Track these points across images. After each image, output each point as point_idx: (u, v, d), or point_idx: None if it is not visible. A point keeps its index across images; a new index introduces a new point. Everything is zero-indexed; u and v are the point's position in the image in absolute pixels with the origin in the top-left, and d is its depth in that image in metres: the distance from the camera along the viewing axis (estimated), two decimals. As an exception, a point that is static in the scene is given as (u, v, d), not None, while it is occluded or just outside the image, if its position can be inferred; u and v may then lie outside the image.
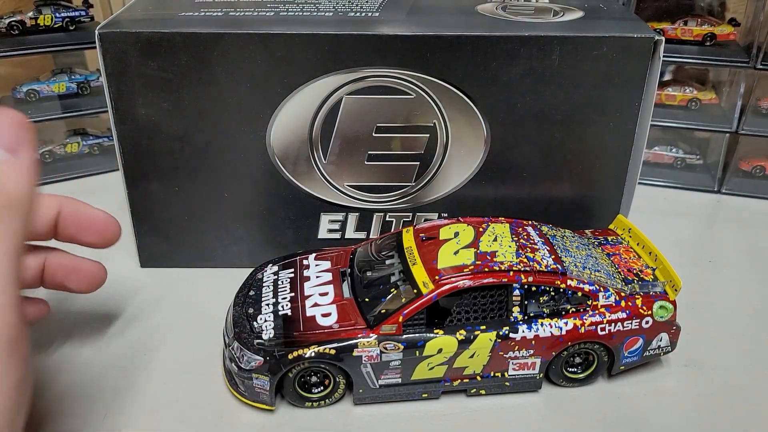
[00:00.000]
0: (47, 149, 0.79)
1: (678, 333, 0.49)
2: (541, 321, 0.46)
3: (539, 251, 0.48)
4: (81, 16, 0.77)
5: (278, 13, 0.55)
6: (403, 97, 0.54)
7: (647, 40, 0.51)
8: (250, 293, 0.50)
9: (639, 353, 0.48)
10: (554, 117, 0.55)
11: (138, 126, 0.54)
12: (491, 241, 0.48)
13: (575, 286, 0.46)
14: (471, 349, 0.45)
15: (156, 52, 0.51)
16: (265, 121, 0.54)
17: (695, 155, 0.80)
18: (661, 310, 0.47)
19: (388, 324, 0.44)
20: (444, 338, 0.45)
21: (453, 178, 0.57)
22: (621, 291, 0.47)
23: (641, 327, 0.47)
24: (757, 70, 0.71)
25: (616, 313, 0.46)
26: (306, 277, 0.50)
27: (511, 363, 0.46)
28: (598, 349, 0.47)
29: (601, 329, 0.46)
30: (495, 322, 0.45)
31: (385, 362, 0.45)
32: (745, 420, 0.46)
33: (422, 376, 0.46)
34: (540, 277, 0.45)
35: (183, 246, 0.60)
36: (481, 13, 0.57)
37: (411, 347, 0.45)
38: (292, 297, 0.48)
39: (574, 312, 0.46)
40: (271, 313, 0.47)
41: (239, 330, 0.46)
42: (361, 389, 0.46)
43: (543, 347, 0.46)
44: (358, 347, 0.44)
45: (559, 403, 0.48)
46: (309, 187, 0.57)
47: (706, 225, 0.72)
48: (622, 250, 0.52)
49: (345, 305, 0.47)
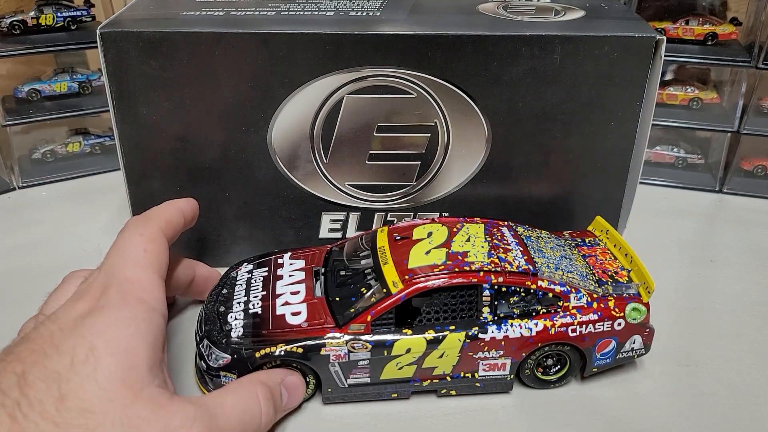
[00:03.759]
0: (49, 149, 0.79)
1: (651, 335, 0.48)
2: (511, 322, 0.45)
3: (512, 252, 0.47)
4: (82, 16, 0.77)
5: (279, 13, 0.55)
6: (405, 96, 0.54)
7: (649, 40, 0.51)
8: (223, 291, 0.49)
9: (612, 355, 0.48)
10: (555, 116, 0.55)
11: (139, 125, 0.54)
12: (464, 241, 0.48)
13: (546, 287, 0.46)
14: (440, 350, 0.45)
15: (157, 52, 0.51)
16: (266, 120, 0.54)
17: (696, 155, 0.80)
18: (633, 312, 0.47)
19: (356, 323, 0.44)
20: (412, 338, 0.45)
21: (454, 178, 0.57)
22: (593, 293, 0.47)
23: (613, 329, 0.47)
24: (758, 69, 0.71)
25: (587, 314, 0.46)
26: (279, 275, 0.50)
27: (481, 364, 0.46)
28: (569, 351, 0.47)
29: (571, 331, 0.46)
30: (464, 323, 0.45)
31: (353, 361, 0.45)
32: (745, 420, 0.46)
33: (391, 376, 0.46)
34: (510, 277, 0.45)
35: (183, 245, 0.59)
36: (482, 13, 0.57)
37: (379, 347, 0.44)
38: (264, 296, 0.48)
39: (545, 313, 0.46)
40: (241, 312, 0.47)
41: (209, 328, 0.46)
42: (330, 388, 0.46)
43: (513, 348, 0.46)
44: (325, 346, 0.44)
45: (551, 404, 0.48)
46: (310, 186, 0.57)
47: (708, 225, 0.72)
48: (598, 252, 0.52)
49: (315, 304, 0.47)
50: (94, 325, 0.36)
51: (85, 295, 0.39)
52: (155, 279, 0.41)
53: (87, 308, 0.38)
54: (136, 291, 0.39)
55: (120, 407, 0.34)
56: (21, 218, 0.71)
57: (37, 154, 0.79)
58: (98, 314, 0.37)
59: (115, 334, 0.36)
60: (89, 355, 0.35)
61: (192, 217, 0.50)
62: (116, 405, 0.34)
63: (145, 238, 0.43)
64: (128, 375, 0.35)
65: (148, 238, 0.43)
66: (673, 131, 0.80)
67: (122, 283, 0.40)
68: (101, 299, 0.38)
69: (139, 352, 0.36)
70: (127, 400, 0.34)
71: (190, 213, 0.49)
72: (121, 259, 0.42)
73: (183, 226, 0.48)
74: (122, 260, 0.41)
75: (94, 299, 0.39)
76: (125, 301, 0.38)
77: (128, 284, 0.40)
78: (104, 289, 0.39)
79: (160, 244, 0.44)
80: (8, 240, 0.66)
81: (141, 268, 0.41)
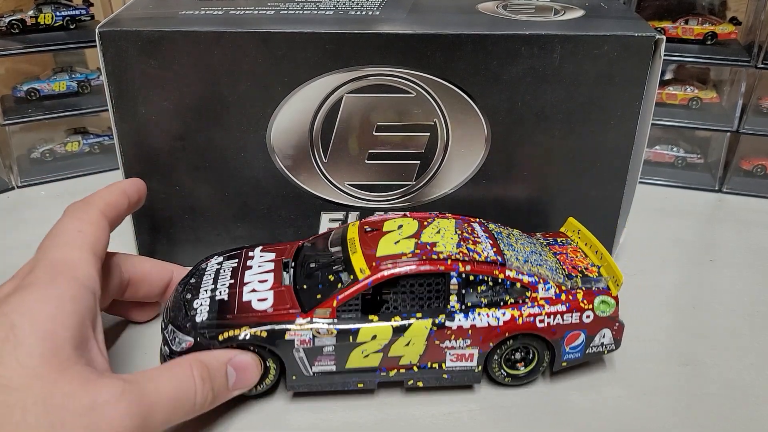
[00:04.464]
0: (47, 148, 0.79)
1: (621, 330, 0.48)
2: (479, 311, 0.45)
3: (481, 244, 0.47)
4: (81, 15, 0.77)
5: (279, 12, 0.55)
6: (404, 95, 0.54)
7: (648, 39, 0.51)
8: (191, 281, 0.49)
9: (581, 350, 0.48)
10: (555, 116, 0.54)
11: (138, 125, 0.54)
12: (434, 233, 0.48)
13: (514, 276, 0.46)
14: (406, 337, 0.45)
15: (156, 51, 0.51)
16: (265, 119, 0.54)
17: (696, 154, 0.80)
18: (602, 305, 0.47)
19: (321, 308, 0.44)
20: (378, 325, 0.44)
21: (453, 177, 0.57)
22: (562, 285, 0.47)
23: (582, 321, 0.47)
24: (758, 69, 0.71)
25: (555, 305, 0.46)
26: (248, 266, 0.50)
27: (448, 354, 0.46)
28: (538, 344, 0.47)
29: (539, 321, 0.46)
30: (431, 311, 0.45)
31: (318, 347, 0.45)
32: (745, 420, 0.46)
33: (357, 365, 0.46)
34: (478, 266, 0.45)
35: (183, 245, 0.60)
36: (481, 12, 0.57)
37: (344, 333, 0.44)
38: (231, 284, 0.48)
39: (513, 303, 0.46)
40: (207, 298, 0.46)
41: (174, 314, 0.46)
42: (294, 375, 0.45)
43: (480, 338, 0.45)
44: (290, 331, 0.44)
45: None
46: (309, 185, 0.57)
47: (707, 224, 0.72)
48: (569, 250, 0.52)
49: (282, 292, 0.46)
50: (17, 303, 0.36)
51: (14, 277, 0.40)
52: (88, 258, 0.41)
53: (12, 288, 0.38)
54: (64, 269, 0.39)
55: (43, 384, 0.34)
56: (20, 218, 0.70)
57: (35, 153, 0.79)
58: (21, 292, 0.37)
59: (38, 311, 0.36)
60: (9, 333, 0.34)
61: (138, 198, 0.50)
62: (39, 382, 0.34)
63: (80, 220, 0.43)
64: (52, 352, 0.35)
65: (83, 221, 0.43)
66: (673, 131, 0.80)
67: (50, 262, 0.40)
68: (26, 278, 0.38)
69: (63, 330, 0.36)
70: (50, 377, 0.34)
71: (135, 194, 0.49)
72: (52, 241, 0.42)
73: (128, 207, 0.48)
74: (53, 242, 0.42)
75: (21, 279, 0.39)
76: (51, 279, 0.38)
77: (57, 263, 0.40)
78: (31, 269, 0.39)
79: (98, 225, 0.44)
80: (7, 239, 0.66)
81: (72, 247, 0.41)
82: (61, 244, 0.41)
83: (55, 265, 0.39)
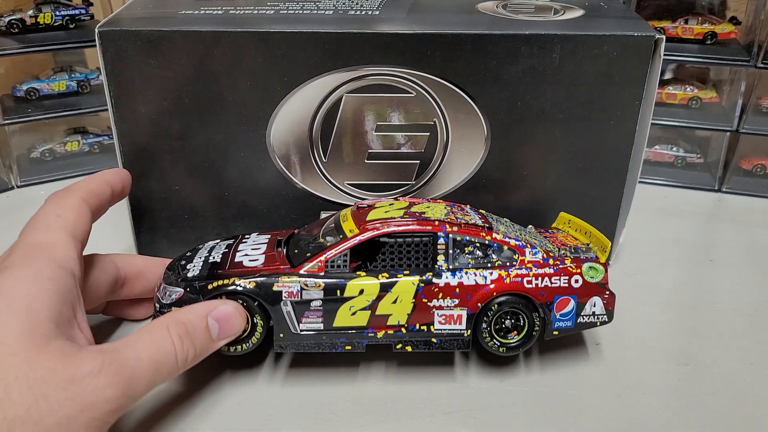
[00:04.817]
0: (47, 148, 0.79)
1: (613, 300, 0.48)
2: (466, 270, 0.46)
3: (469, 215, 0.49)
4: (81, 15, 0.77)
5: (278, 12, 0.55)
6: (404, 95, 0.54)
7: (648, 39, 0.51)
8: (187, 254, 0.51)
9: (572, 318, 0.47)
10: (555, 116, 0.54)
11: (138, 124, 0.54)
12: (423, 207, 0.50)
13: (501, 239, 0.47)
14: (393, 293, 0.45)
15: (156, 51, 0.51)
16: (265, 119, 0.54)
17: (696, 154, 0.80)
18: (591, 271, 0.47)
19: (310, 263, 0.45)
20: (365, 279, 0.45)
21: (453, 177, 0.57)
22: (550, 251, 0.48)
23: (570, 286, 0.47)
24: (757, 68, 0.71)
25: (543, 268, 0.46)
26: (243, 241, 0.51)
27: (437, 314, 0.46)
28: (526, 308, 0.46)
29: (527, 282, 0.46)
30: (419, 270, 0.46)
31: (306, 301, 0.45)
32: (745, 420, 0.46)
33: (345, 323, 0.46)
34: (465, 228, 0.46)
35: (183, 245, 0.59)
36: (481, 12, 0.57)
37: (332, 287, 0.45)
38: (225, 252, 0.49)
39: (501, 265, 0.46)
40: (201, 261, 0.48)
41: (167, 275, 0.47)
42: (282, 333, 0.46)
43: (468, 297, 0.46)
44: (278, 282, 0.45)
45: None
46: (309, 185, 0.57)
47: (707, 224, 0.72)
48: (559, 235, 0.53)
49: (274, 255, 0.48)
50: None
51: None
52: (66, 240, 0.41)
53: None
54: (42, 251, 0.40)
55: (23, 360, 0.34)
56: (19, 217, 0.69)
57: (35, 153, 0.79)
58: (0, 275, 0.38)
59: (16, 291, 0.36)
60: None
61: (121, 187, 0.50)
62: (19, 358, 0.34)
63: (59, 206, 0.44)
64: (31, 329, 0.35)
65: (63, 206, 0.44)
66: (673, 130, 0.80)
67: (28, 245, 0.40)
68: (5, 261, 0.39)
69: (41, 308, 0.36)
70: (31, 353, 0.34)
71: (118, 183, 0.49)
72: (32, 227, 0.43)
73: (111, 196, 0.49)
74: (33, 227, 0.43)
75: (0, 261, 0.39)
76: (30, 260, 0.39)
77: (34, 246, 0.40)
78: (10, 252, 0.40)
79: (79, 211, 0.44)
80: (6, 239, 0.65)
81: (50, 231, 0.42)
82: (40, 228, 0.42)
83: (32, 247, 0.40)
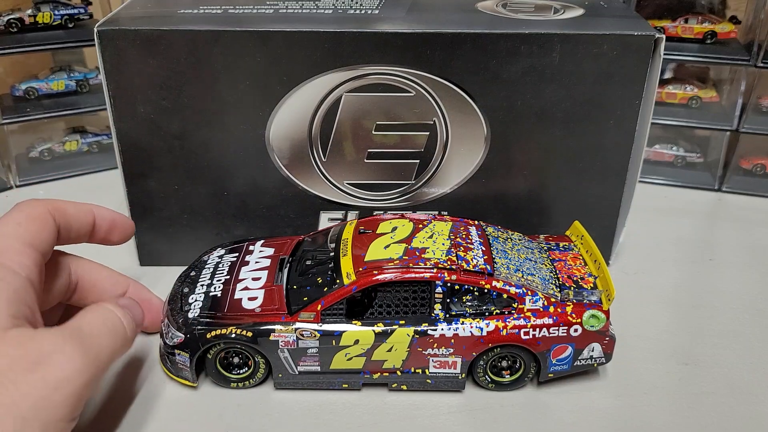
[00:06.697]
0: (46, 147, 0.79)
1: (612, 344, 0.47)
2: (463, 321, 0.45)
3: (472, 251, 0.47)
4: (80, 14, 0.77)
5: (278, 11, 0.55)
6: (403, 94, 0.53)
7: (648, 38, 0.51)
8: (191, 273, 0.51)
9: (569, 362, 0.47)
10: (555, 115, 0.54)
11: (137, 124, 0.54)
12: (426, 238, 0.48)
13: (500, 287, 0.45)
14: (389, 343, 0.45)
15: (155, 50, 0.51)
16: (264, 118, 0.54)
17: (696, 153, 0.80)
18: (591, 320, 0.46)
19: (306, 312, 0.45)
20: (361, 330, 0.45)
21: (453, 176, 0.57)
22: (551, 297, 0.46)
23: (569, 335, 0.46)
24: (757, 68, 0.71)
25: (542, 318, 0.45)
26: (246, 261, 0.51)
27: (431, 360, 0.46)
28: (524, 355, 0.46)
29: (524, 333, 0.45)
30: (415, 318, 0.46)
31: (302, 349, 0.45)
32: (745, 419, 0.46)
33: (341, 366, 0.46)
34: (464, 276, 0.45)
35: (182, 244, 0.59)
36: (481, 11, 0.57)
37: (327, 336, 0.45)
38: (227, 279, 0.49)
39: (499, 314, 0.46)
40: (202, 294, 0.48)
41: (171, 307, 0.48)
42: (281, 374, 0.47)
43: (463, 347, 0.46)
44: (275, 332, 0.45)
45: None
46: (308, 185, 0.57)
47: (707, 223, 0.72)
48: (569, 257, 0.51)
49: (273, 291, 0.48)
50: None
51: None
52: (21, 248, 0.41)
53: None
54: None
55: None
56: (18, 217, 0.70)
57: (34, 152, 0.78)
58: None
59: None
60: None
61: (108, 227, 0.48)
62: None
63: (22, 213, 0.43)
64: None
65: (25, 214, 0.43)
66: (673, 130, 0.80)
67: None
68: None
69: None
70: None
71: (104, 223, 0.48)
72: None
73: (89, 225, 0.47)
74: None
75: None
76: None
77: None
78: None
79: (41, 221, 0.43)
80: (5, 239, 0.66)
81: (6, 237, 0.41)
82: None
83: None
